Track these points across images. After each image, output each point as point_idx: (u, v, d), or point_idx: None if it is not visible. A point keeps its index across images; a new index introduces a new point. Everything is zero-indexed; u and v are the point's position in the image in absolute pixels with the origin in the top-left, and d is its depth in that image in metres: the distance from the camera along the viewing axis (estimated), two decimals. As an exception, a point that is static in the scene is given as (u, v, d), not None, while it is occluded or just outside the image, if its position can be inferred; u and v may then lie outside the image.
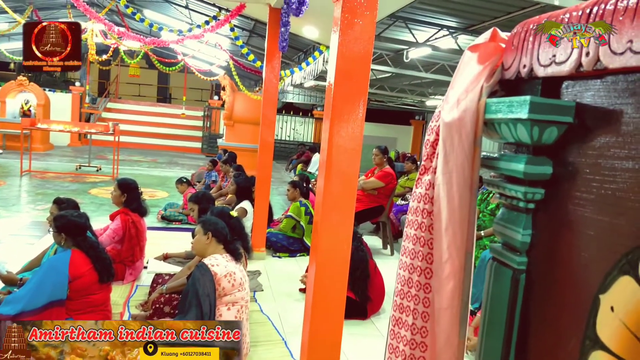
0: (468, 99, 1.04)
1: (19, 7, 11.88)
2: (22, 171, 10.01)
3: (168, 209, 7.18)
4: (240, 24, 10.17)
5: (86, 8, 6.59)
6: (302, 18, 4.05)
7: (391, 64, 9.07)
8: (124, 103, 20.94)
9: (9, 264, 4.11)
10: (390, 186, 6.12)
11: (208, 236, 3.09)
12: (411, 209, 1.17)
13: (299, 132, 19.74)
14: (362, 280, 3.98)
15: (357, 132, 2.46)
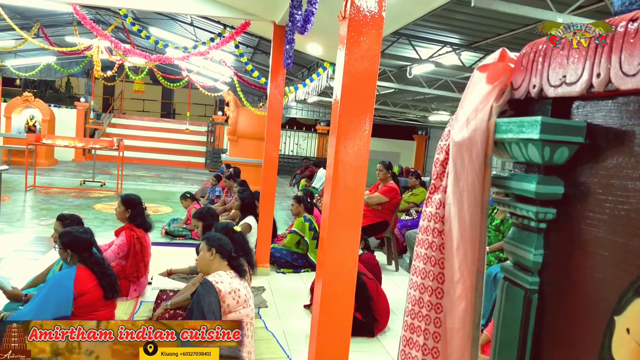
0: (478, 119, 1.04)
1: (26, 25, 12.02)
2: (26, 186, 10.04)
3: (172, 224, 7.18)
4: (245, 41, 10.27)
5: (92, 25, 6.67)
6: (307, 35, 4.08)
7: (394, 80, 9.13)
8: (128, 118, 21.06)
9: (14, 279, 4.10)
10: (395, 201, 6.12)
11: (212, 252, 3.08)
12: (421, 228, 1.17)
13: (303, 147, 19.79)
14: (365, 302, 3.96)
15: (363, 149, 2.47)
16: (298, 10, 4.09)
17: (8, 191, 9.45)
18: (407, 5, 4.02)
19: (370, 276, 4.20)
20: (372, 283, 4.12)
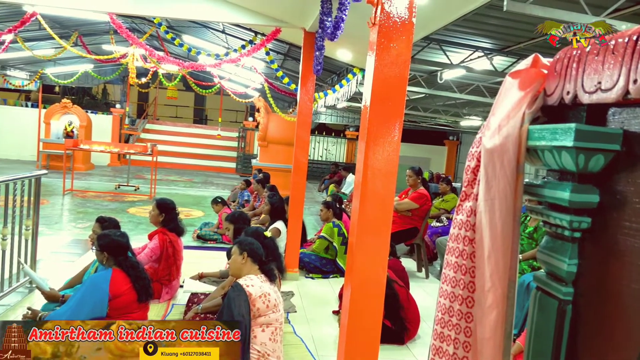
0: (510, 126, 1.03)
1: (65, 34, 12.45)
2: (64, 190, 10.37)
3: (203, 228, 7.30)
4: (275, 48, 10.37)
5: (128, 34, 6.86)
6: (336, 41, 4.10)
7: (425, 85, 9.05)
8: (161, 124, 21.52)
9: (51, 280, 4.24)
10: (425, 208, 6.06)
11: (244, 256, 3.12)
12: (452, 236, 1.16)
13: (332, 152, 19.82)
14: (395, 310, 3.93)
15: (393, 155, 2.46)
16: (328, 17, 4.12)
17: (47, 195, 9.77)
18: (438, 11, 3.99)
19: (402, 284, 4.17)
20: (402, 290, 4.09)
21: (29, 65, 16.73)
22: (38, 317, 3.13)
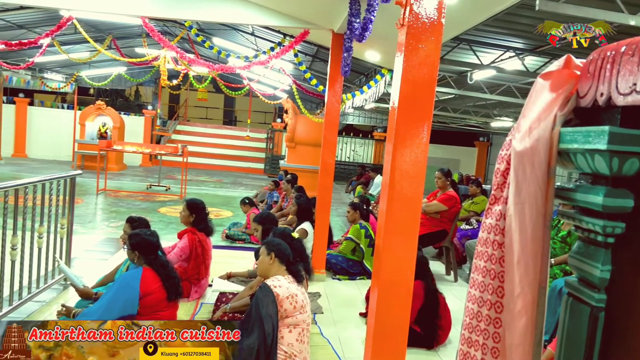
0: (541, 128, 1.01)
1: (100, 37, 12.79)
2: (98, 190, 10.65)
3: (232, 228, 7.39)
4: (304, 49, 10.41)
5: (160, 37, 7.00)
6: (365, 42, 4.09)
7: (454, 86, 8.94)
8: (192, 125, 21.87)
9: (85, 278, 4.36)
10: (454, 210, 5.98)
11: (271, 257, 3.14)
12: (480, 240, 1.15)
13: (359, 153, 19.77)
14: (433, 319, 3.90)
15: (421, 157, 2.44)
16: (356, 18, 4.12)
17: (81, 194, 10.05)
18: (468, 11, 3.94)
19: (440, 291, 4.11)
20: (441, 298, 4.04)
21: (65, 68, 17.24)
22: (71, 314, 3.22)
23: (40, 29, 11.95)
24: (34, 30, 12.06)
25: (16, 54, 13.19)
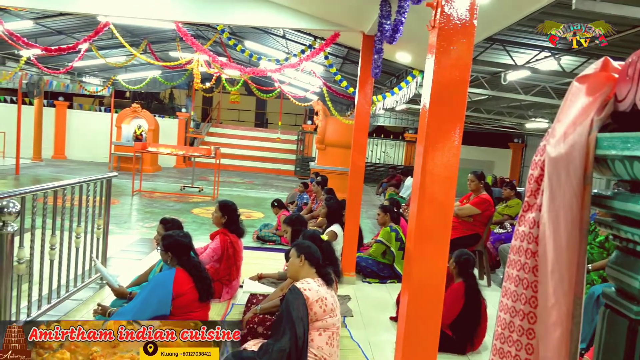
0: (577, 133, 0.98)
1: (135, 42, 13.10)
2: (133, 191, 10.91)
3: (263, 229, 7.45)
4: (334, 52, 10.41)
5: (193, 41, 7.12)
6: (396, 44, 4.06)
7: (487, 87, 8.77)
8: (224, 128, 22.17)
9: (120, 277, 4.47)
10: (487, 213, 5.86)
11: (301, 259, 3.15)
12: (513, 248, 1.12)
13: (390, 155, 19.64)
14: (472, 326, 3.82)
15: (453, 160, 2.41)
16: (387, 20, 4.09)
17: (117, 195, 10.31)
18: (502, 11, 3.87)
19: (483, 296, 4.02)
20: (484, 303, 3.96)
21: (103, 72, 17.75)
22: (107, 313, 3.30)
23: (78, 35, 12.33)
24: (72, 35, 12.45)
25: (56, 58, 13.65)
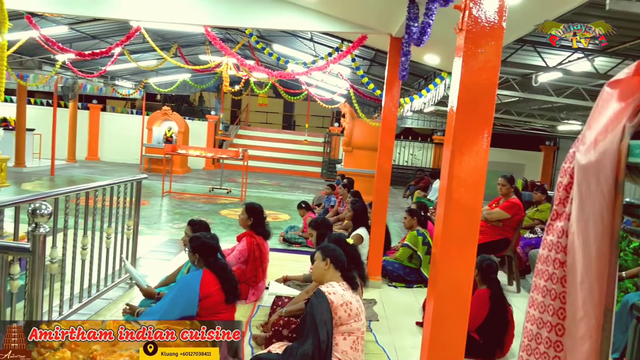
0: (608, 140, 0.95)
1: (166, 46, 13.34)
2: (163, 192, 11.11)
3: (289, 231, 7.48)
4: (362, 54, 10.39)
5: (221, 45, 7.21)
6: (423, 46, 4.02)
7: (518, 89, 8.61)
8: (252, 130, 22.37)
9: (149, 277, 4.55)
10: (517, 218, 5.74)
11: (327, 262, 3.15)
12: (541, 257, 1.09)
13: (418, 157, 19.46)
14: (501, 330, 3.76)
15: (481, 165, 2.36)
16: (414, 22, 4.06)
17: (147, 196, 10.51)
18: (532, 12, 3.79)
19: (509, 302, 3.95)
20: (510, 308, 3.89)
21: (134, 75, 18.12)
22: (135, 312, 3.37)
23: (111, 39, 12.62)
24: (106, 40, 12.76)
25: (90, 63, 14.01)
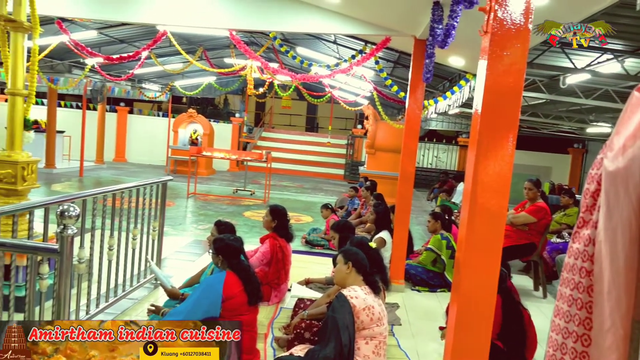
0: (636, 147, 0.93)
1: (191, 49, 13.53)
2: (188, 193, 11.25)
3: (312, 233, 7.49)
4: (385, 56, 10.35)
5: (245, 48, 7.27)
6: (448, 48, 3.99)
7: (545, 90, 8.45)
8: (276, 132, 22.50)
9: (173, 278, 4.61)
10: (544, 222, 5.63)
11: (348, 266, 3.14)
12: (567, 266, 1.07)
13: (442, 159, 19.27)
14: (520, 337, 3.69)
15: (506, 170, 2.33)
16: (439, 24, 4.03)
17: (173, 197, 10.66)
18: (559, 13, 3.71)
19: (524, 306, 3.89)
20: (526, 313, 3.83)
21: (161, 78, 18.43)
22: (160, 313, 3.42)
23: (138, 43, 12.87)
24: (133, 44, 13.01)
25: (118, 66, 14.30)
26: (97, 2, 5.99)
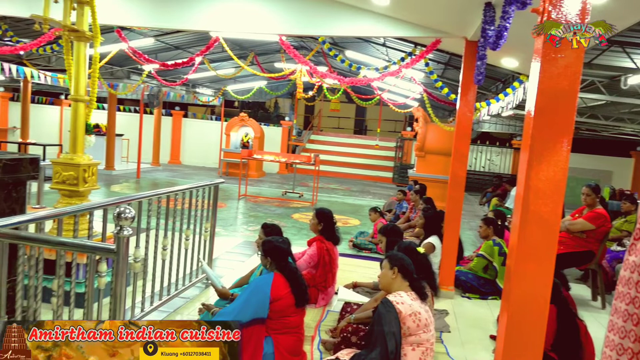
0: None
1: (243, 54, 13.82)
2: (239, 195, 11.50)
3: (359, 237, 7.47)
4: (436, 57, 10.20)
5: (295, 53, 7.36)
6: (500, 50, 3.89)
7: (605, 92, 8.06)
8: (324, 135, 22.60)
9: (224, 278, 4.73)
10: (603, 229, 5.37)
11: (394, 271, 3.12)
12: (622, 279, 1.03)
13: (495, 163, 18.74)
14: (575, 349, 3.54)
15: (560, 175, 2.25)
16: (491, 25, 3.95)
17: (224, 199, 10.92)
18: (618, 13, 3.54)
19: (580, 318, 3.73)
20: (582, 325, 3.67)
21: (214, 83, 18.92)
22: (211, 312, 3.51)
23: (192, 49, 13.28)
24: (187, 50, 13.44)
25: (173, 72, 14.83)
26: (154, 11, 6.24)
